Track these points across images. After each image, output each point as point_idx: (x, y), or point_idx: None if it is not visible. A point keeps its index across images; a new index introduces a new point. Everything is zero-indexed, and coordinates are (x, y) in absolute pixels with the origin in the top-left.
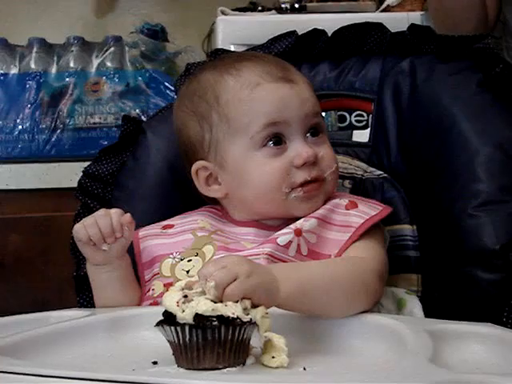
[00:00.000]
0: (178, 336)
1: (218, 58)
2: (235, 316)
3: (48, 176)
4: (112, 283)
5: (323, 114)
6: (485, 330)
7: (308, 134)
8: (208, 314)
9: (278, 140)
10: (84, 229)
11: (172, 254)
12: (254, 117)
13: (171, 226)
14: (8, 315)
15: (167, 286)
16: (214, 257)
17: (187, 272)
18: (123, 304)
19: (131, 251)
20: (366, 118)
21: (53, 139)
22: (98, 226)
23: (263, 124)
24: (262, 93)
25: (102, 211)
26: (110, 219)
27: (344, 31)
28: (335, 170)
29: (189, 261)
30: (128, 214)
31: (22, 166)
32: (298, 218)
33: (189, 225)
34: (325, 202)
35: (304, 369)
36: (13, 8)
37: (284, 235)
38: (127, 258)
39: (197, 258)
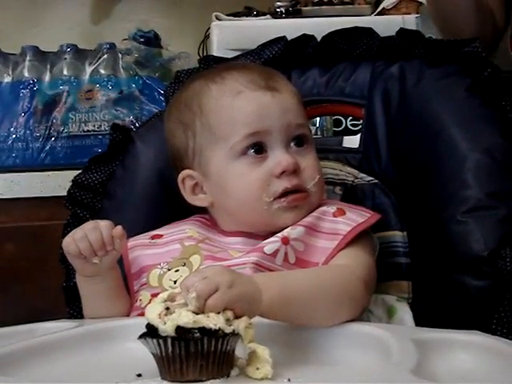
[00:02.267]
0: (160, 348)
1: (211, 67)
2: (217, 327)
3: (42, 184)
4: (102, 294)
5: (317, 118)
6: (472, 338)
7: (292, 144)
8: (189, 326)
9: (258, 148)
10: (74, 243)
11: (160, 264)
12: (234, 126)
13: (160, 236)
14: (3, 325)
15: (154, 296)
16: (201, 266)
17: (174, 282)
18: (113, 315)
19: (121, 262)
20: (361, 122)
21: (47, 147)
22: (88, 239)
23: (243, 134)
24: (243, 101)
25: (91, 224)
26: (100, 232)
27: (333, 36)
28: (318, 181)
29: (176, 271)
30: (119, 227)
31: (16, 174)
32: (283, 228)
33: (177, 234)
34: (313, 210)
35: (289, 380)
36: (6, 16)
37: (271, 244)
38: (117, 269)
39: (184, 268)
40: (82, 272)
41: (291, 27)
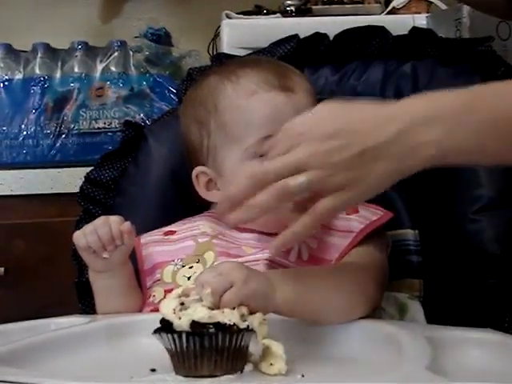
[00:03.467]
0: (175, 343)
1: (225, 63)
2: (232, 323)
3: (53, 181)
4: (113, 290)
5: None
6: (484, 335)
7: None
8: (204, 321)
9: None
10: (83, 236)
11: (174, 260)
12: (248, 129)
13: (173, 233)
14: (13, 322)
15: (168, 292)
16: (215, 263)
17: (188, 279)
18: (125, 310)
19: (134, 258)
20: None
21: (57, 144)
22: (97, 234)
23: (257, 137)
24: (257, 103)
25: (101, 219)
26: (110, 227)
27: (346, 35)
28: None
29: (190, 267)
30: (127, 223)
31: (26, 171)
32: None
33: (190, 231)
34: None
35: (302, 376)
36: (17, 13)
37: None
38: (129, 265)
39: (198, 264)
40: (93, 266)
41: (301, 26)
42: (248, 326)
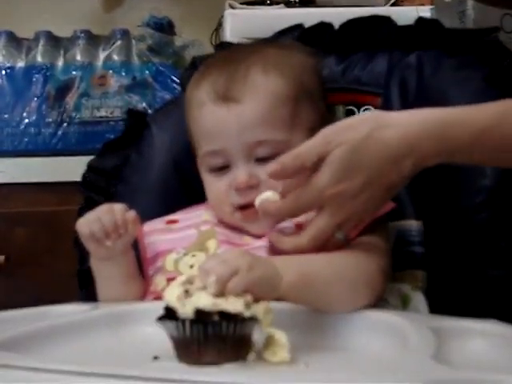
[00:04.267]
0: (178, 331)
1: (222, 51)
2: (236, 311)
3: (54, 170)
4: (115, 278)
5: None
6: (489, 326)
7: (255, 158)
8: (209, 308)
9: (220, 163)
10: (87, 224)
11: (176, 249)
12: (198, 140)
13: (176, 221)
14: (12, 309)
15: (170, 280)
16: (218, 251)
17: (191, 267)
18: (126, 299)
19: (136, 246)
20: None
21: (59, 133)
22: (101, 221)
23: (204, 151)
24: (203, 117)
25: (105, 207)
26: (114, 215)
27: (351, 25)
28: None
29: (193, 256)
30: (132, 211)
31: (28, 159)
32: None
33: (193, 219)
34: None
35: (306, 365)
36: (20, 1)
37: (286, 229)
38: (131, 253)
39: (201, 252)
40: (96, 255)
41: (305, 16)
42: (252, 314)
